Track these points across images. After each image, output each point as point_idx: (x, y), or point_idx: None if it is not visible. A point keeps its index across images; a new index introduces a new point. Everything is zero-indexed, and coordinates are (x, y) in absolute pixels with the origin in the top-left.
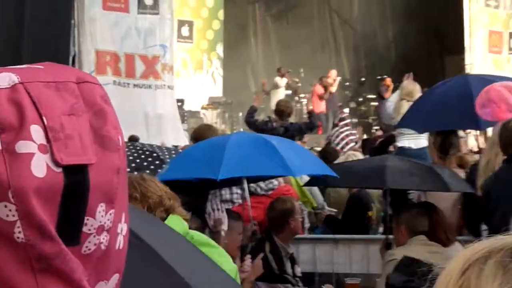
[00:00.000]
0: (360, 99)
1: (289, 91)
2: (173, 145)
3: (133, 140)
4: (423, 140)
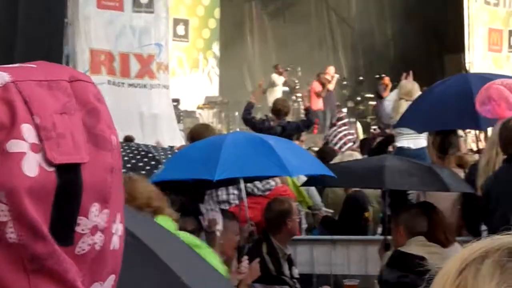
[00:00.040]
0: (358, 98)
1: (286, 87)
2: (169, 146)
3: (128, 140)
4: (422, 140)
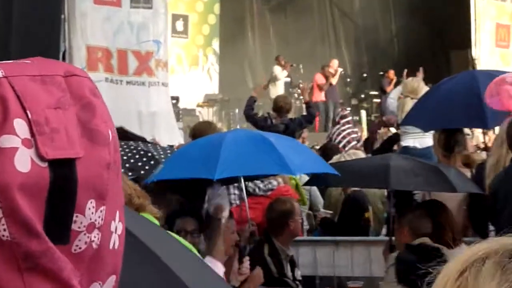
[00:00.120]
0: (362, 96)
1: (288, 78)
2: (168, 145)
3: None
4: (428, 139)
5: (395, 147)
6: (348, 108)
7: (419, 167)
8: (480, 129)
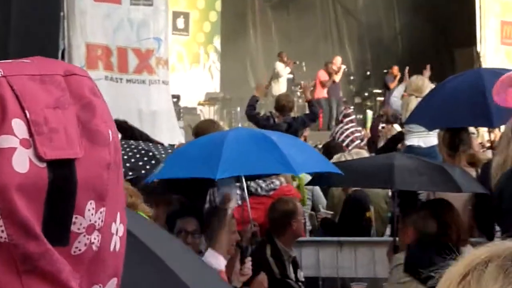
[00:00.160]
0: (366, 94)
1: (291, 75)
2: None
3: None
4: (433, 138)
5: (399, 146)
6: (351, 107)
7: (424, 166)
8: (485, 128)
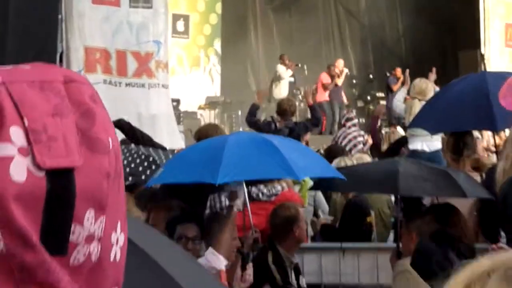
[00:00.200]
0: (368, 98)
1: (292, 78)
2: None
3: (125, 143)
4: (437, 142)
5: (402, 150)
6: (354, 110)
7: (428, 172)
8: (489, 132)
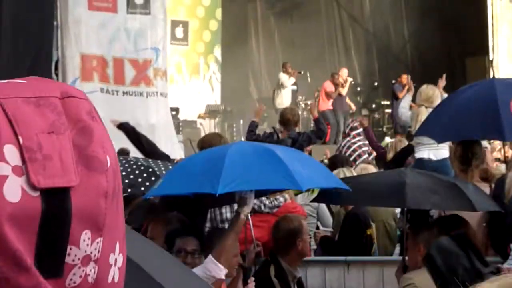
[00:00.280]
0: (373, 106)
1: (295, 86)
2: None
3: (123, 153)
4: (444, 150)
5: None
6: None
7: (436, 183)
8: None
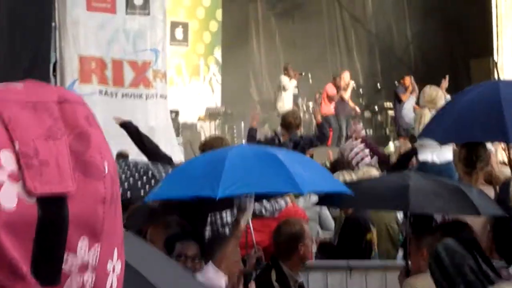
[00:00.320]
0: (376, 108)
1: (296, 89)
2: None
3: (122, 156)
4: (448, 152)
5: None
6: (361, 122)
7: (440, 187)
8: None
